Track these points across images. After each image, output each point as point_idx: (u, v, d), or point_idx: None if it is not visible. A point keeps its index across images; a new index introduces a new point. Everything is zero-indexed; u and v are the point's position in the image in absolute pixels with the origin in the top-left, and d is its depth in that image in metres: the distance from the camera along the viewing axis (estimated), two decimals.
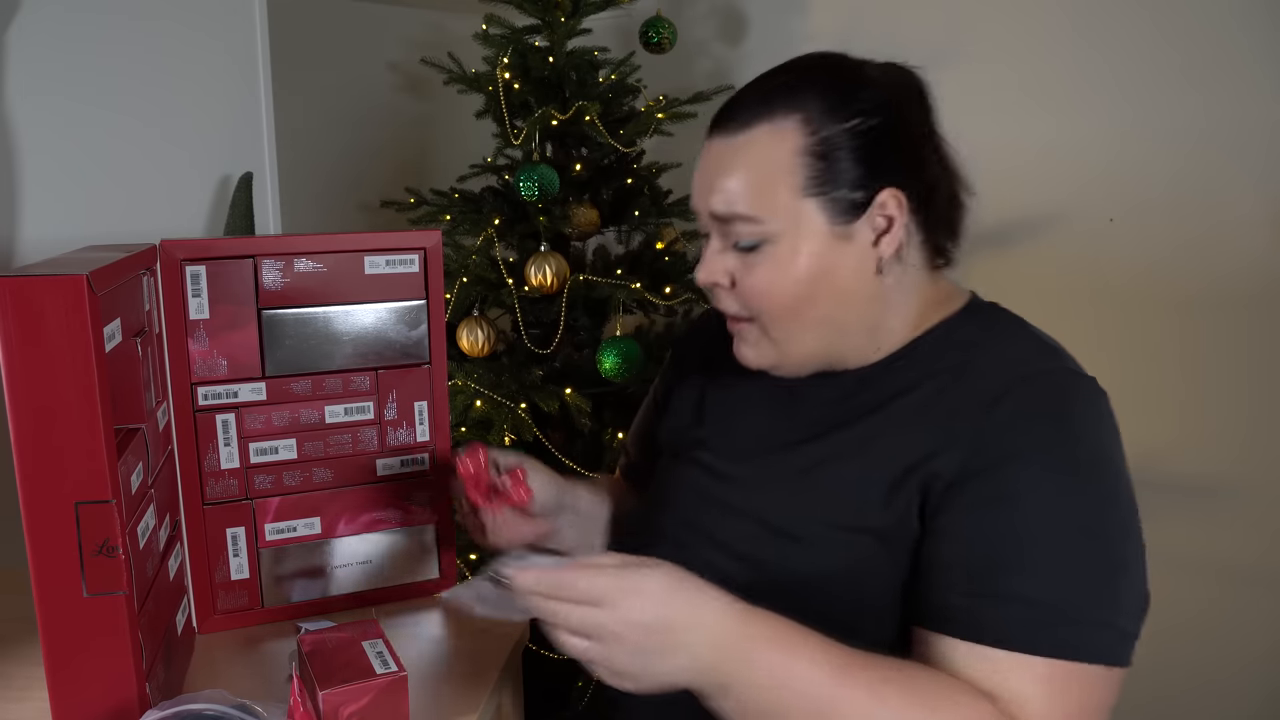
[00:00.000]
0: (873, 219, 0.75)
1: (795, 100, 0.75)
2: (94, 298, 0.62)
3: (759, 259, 0.76)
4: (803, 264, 0.75)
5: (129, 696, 0.67)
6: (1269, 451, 1.56)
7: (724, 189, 0.76)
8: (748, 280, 0.77)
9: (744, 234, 0.76)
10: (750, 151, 0.76)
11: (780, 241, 0.75)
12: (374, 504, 0.95)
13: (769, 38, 2.02)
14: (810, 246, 0.75)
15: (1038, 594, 0.66)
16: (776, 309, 0.77)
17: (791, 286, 0.75)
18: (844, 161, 0.74)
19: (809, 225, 0.75)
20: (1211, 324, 1.59)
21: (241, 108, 1.55)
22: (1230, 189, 1.55)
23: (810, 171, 0.74)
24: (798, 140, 0.74)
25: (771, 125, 0.75)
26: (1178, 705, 1.68)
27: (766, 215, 0.75)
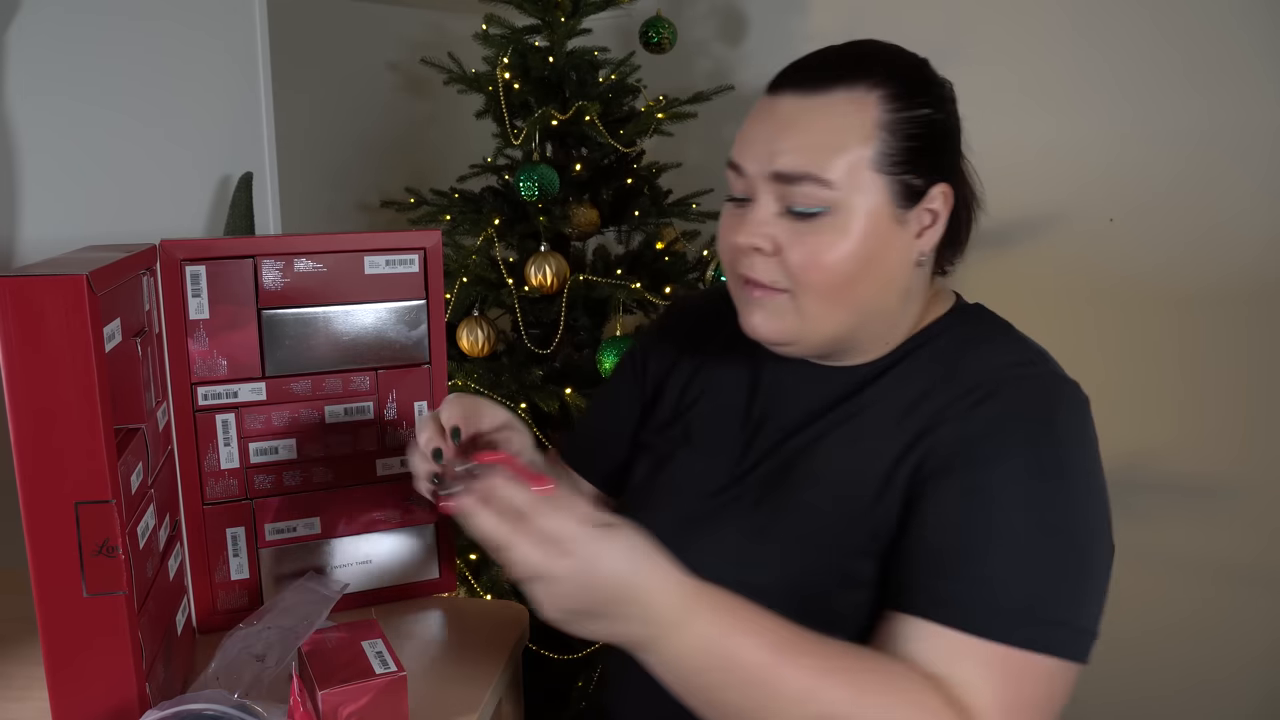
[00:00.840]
0: (921, 212, 0.76)
1: (877, 74, 0.74)
2: (94, 298, 0.62)
3: (814, 228, 0.73)
4: (859, 241, 0.73)
5: (129, 696, 0.67)
6: (1268, 451, 1.56)
7: (796, 147, 0.73)
8: (798, 249, 0.74)
9: (808, 198, 0.73)
10: (829, 114, 0.73)
11: (841, 212, 0.73)
12: (374, 504, 0.95)
13: (769, 38, 2.02)
14: (870, 224, 0.73)
15: (1003, 583, 0.66)
16: (821, 283, 0.74)
17: (842, 261, 0.73)
18: (915, 146, 0.74)
19: (874, 201, 0.73)
20: (1211, 324, 1.59)
21: (241, 108, 1.55)
22: (1230, 190, 1.55)
23: (885, 148, 0.73)
24: (878, 114, 0.73)
25: (851, 94, 0.73)
26: (1176, 705, 1.68)
27: (837, 181, 0.72)
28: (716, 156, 0.83)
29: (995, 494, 0.68)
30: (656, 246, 1.75)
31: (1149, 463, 1.63)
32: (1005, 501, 0.68)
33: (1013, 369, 0.74)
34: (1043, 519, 0.67)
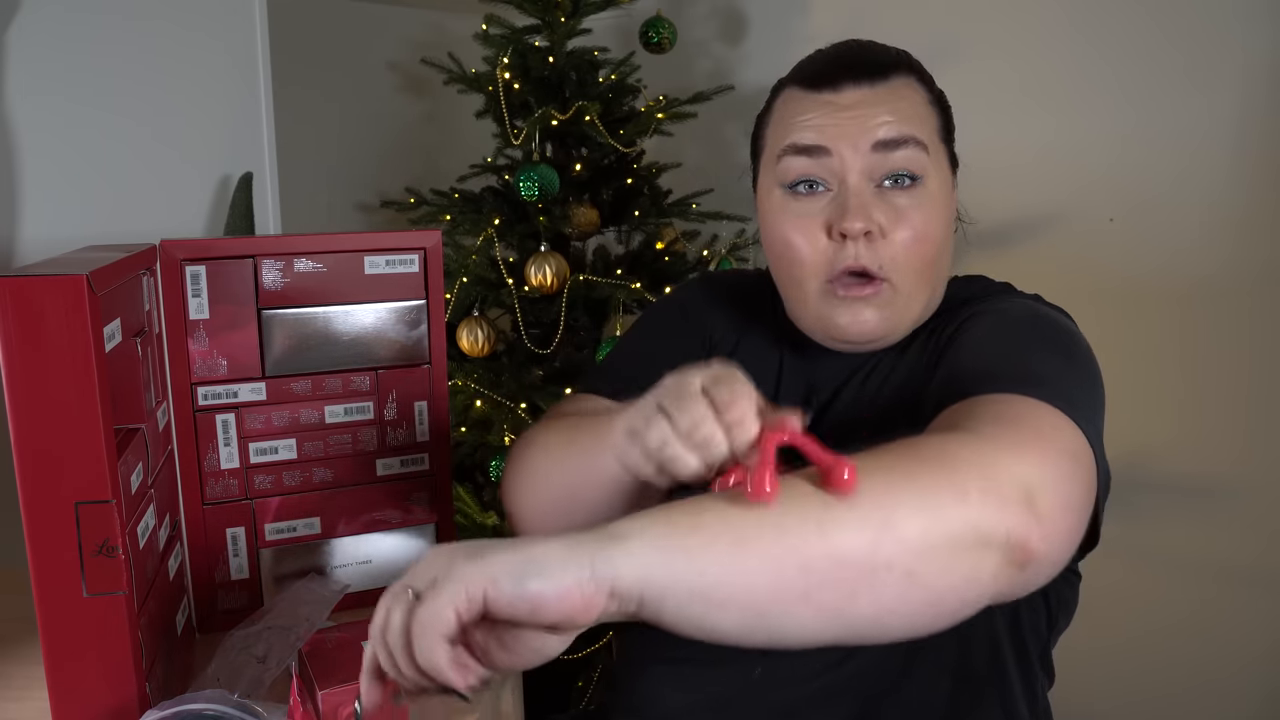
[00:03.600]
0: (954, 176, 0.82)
1: (905, 64, 0.80)
2: (94, 298, 0.62)
3: (913, 201, 0.75)
4: (944, 210, 0.78)
5: (129, 696, 0.67)
6: (1268, 451, 1.56)
7: (893, 118, 0.75)
8: (904, 225, 0.74)
9: (908, 162, 0.75)
10: (901, 93, 0.77)
11: (930, 181, 0.77)
12: (374, 504, 0.95)
13: (769, 38, 2.02)
14: (946, 191, 0.79)
15: (1028, 368, 0.64)
16: (920, 259, 0.76)
17: (937, 232, 0.77)
18: (949, 121, 0.82)
19: (945, 169, 0.80)
20: (1211, 324, 1.59)
21: (241, 108, 1.55)
22: (1230, 189, 1.55)
23: (940, 120, 0.80)
24: (925, 93, 0.80)
25: (904, 79, 0.79)
26: (1176, 705, 1.68)
27: (931, 146, 0.77)
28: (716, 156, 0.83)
29: (1000, 319, 0.74)
30: (656, 246, 1.75)
31: (1149, 463, 1.63)
32: (997, 325, 0.73)
33: (1002, 289, 0.83)
34: (1039, 331, 0.72)
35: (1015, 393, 0.60)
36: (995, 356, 0.68)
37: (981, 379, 0.63)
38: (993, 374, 0.64)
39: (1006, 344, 0.70)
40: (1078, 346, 0.72)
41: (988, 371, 0.65)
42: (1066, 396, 0.61)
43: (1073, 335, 0.74)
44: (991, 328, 0.73)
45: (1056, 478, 0.55)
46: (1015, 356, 0.67)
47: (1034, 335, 0.71)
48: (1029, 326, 0.73)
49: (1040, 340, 0.71)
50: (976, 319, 0.75)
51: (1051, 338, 0.71)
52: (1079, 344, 0.73)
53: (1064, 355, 0.69)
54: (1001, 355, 0.68)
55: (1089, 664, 1.77)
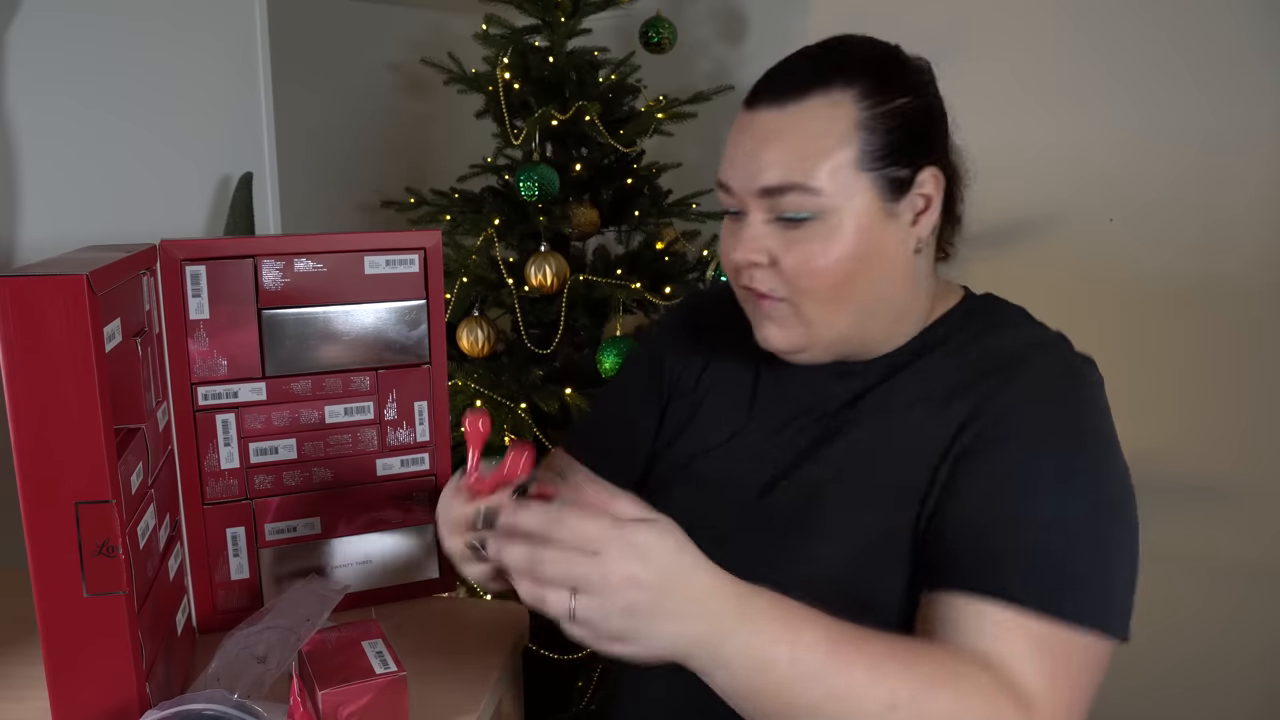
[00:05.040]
0: (913, 198, 0.76)
1: (848, 74, 0.75)
2: (94, 298, 0.62)
3: (805, 234, 0.74)
4: (852, 240, 0.74)
5: (129, 696, 0.67)
6: (1269, 451, 1.56)
7: (778, 160, 0.74)
8: (791, 257, 0.75)
9: (796, 206, 0.74)
10: (807, 122, 0.74)
11: (831, 216, 0.74)
12: (374, 504, 0.95)
13: (769, 38, 2.02)
14: (861, 222, 0.74)
15: (1045, 559, 0.66)
16: (818, 287, 0.75)
17: (837, 263, 0.74)
18: (895, 138, 0.74)
19: (862, 200, 0.74)
20: (1211, 324, 1.59)
21: (241, 108, 1.55)
22: (1230, 189, 1.55)
23: (866, 146, 0.73)
24: (854, 113, 0.74)
25: (827, 97, 0.74)
26: (1176, 705, 1.68)
27: (823, 187, 0.73)
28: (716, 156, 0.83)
29: (1023, 473, 0.69)
30: (656, 246, 1.75)
31: (1149, 463, 1.62)
32: (1038, 479, 0.69)
33: (1034, 349, 0.76)
34: (1076, 496, 0.68)
35: (1063, 620, 0.65)
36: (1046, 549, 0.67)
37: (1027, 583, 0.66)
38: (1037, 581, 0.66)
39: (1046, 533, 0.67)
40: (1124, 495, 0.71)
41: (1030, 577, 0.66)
42: (1108, 602, 0.66)
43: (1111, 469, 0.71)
44: (1031, 501, 0.69)
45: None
46: (1070, 553, 0.67)
47: (1074, 513, 0.68)
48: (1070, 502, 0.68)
49: (1080, 521, 0.68)
50: (1013, 477, 0.69)
51: (1090, 503, 0.69)
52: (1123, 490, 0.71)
53: (1101, 526, 0.68)
54: (1042, 554, 0.67)
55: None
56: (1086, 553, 0.67)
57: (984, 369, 0.75)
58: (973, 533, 0.69)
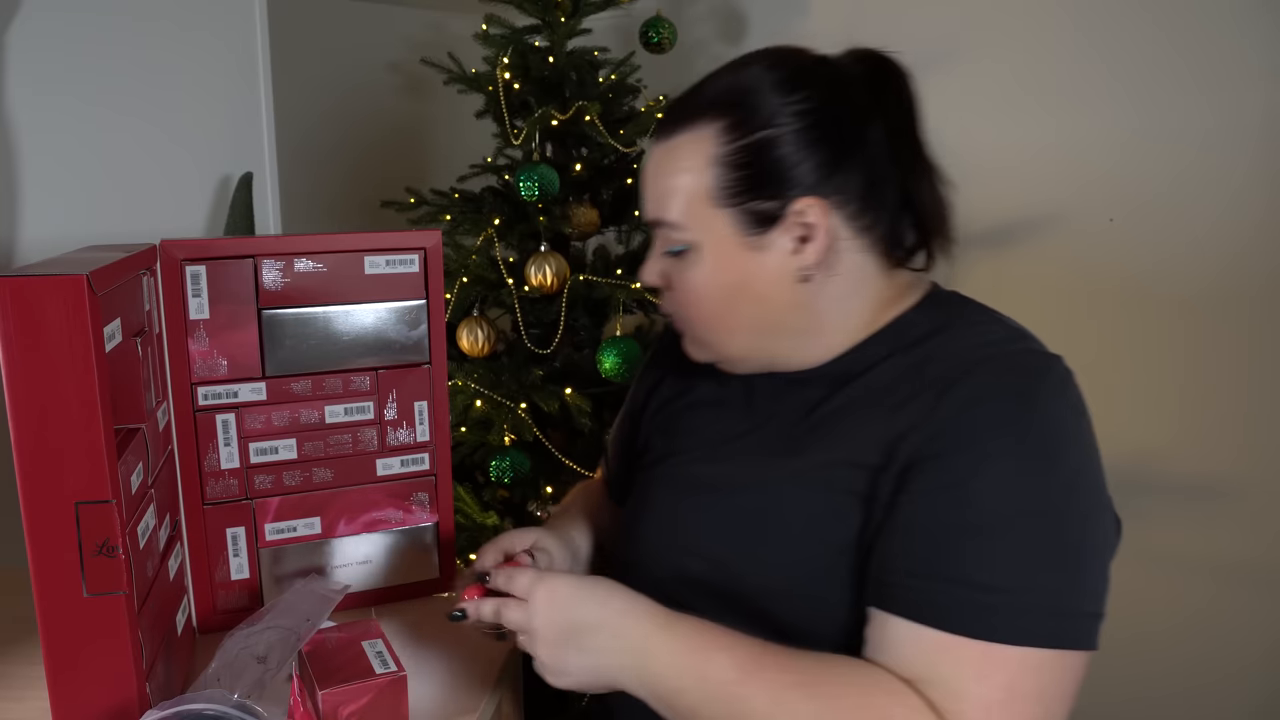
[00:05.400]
0: (790, 228, 0.74)
1: (717, 107, 0.75)
2: (94, 298, 0.62)
3: (684, 265, 0.78)
4: (714, 274, 0.76)
5: (129, 696, 0.67)
6: (1269, 451, 1.56)
7: (652, 195, 0.78)
8: (675, 286, 0.79)
9: (668, 239, 0.78)
10: (673, 158, 0.76)
11: (699, 249, 0.76)
12: (374, 504, 0.95)
13: (769, 38, 2.01)
14: (724, 257, 0.76)
15: (979, 577, 0.64)
16: (699, 315, 0.79)
17: (710, 294, 0.77)
18: (755, 171, 0.74)
19: (721, 235, 0.75)
20: (1211, 324, 1.59)
21: (241, 108, 1.55)
22: (1230, 189, 1.55)
23: (721, 182, 0.74)
24: (713, 149, 0.74)
25: (692, 132, 0.75)
26: (1177, 705, 1.68)
27: (685, 222, 0.76)
28: None
29: (970, 486, 0.66)
30: None
31: (1149, 463, 1.63)
32: (981, 492, 0.65)
33: (982, 350, 0.71)
34: (1023, 507, 0.65)
35: (993, 639, 0.63)
36: (983, 566, 0.64)
37: (962, 607, 0.64)
38: (967, 604, 0.64)
39: (983, 551, 0.64)
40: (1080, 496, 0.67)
41: (962, 601, 0.64)
42: (1058, 615, 0.64)
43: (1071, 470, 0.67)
44: (969, 517, 0.65)
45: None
46: (1011, 568, 0.64)
47: (1017, 526, 0.65)
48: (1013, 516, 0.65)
49: (1024, 534, 0.64)
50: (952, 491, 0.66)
51: (1037, 511, 0.65)
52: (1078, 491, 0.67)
53: (1051, 535, 0.65)
54: (976, 574, 0.64)
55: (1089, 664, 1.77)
56: (1037, 570, 0.64)
57: (930, 377, 0.71)
58: (909, 553, 0.67)
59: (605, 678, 0.69)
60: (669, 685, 0.67)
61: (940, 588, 0.65)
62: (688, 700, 0.66)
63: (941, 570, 0.65)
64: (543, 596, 0.69)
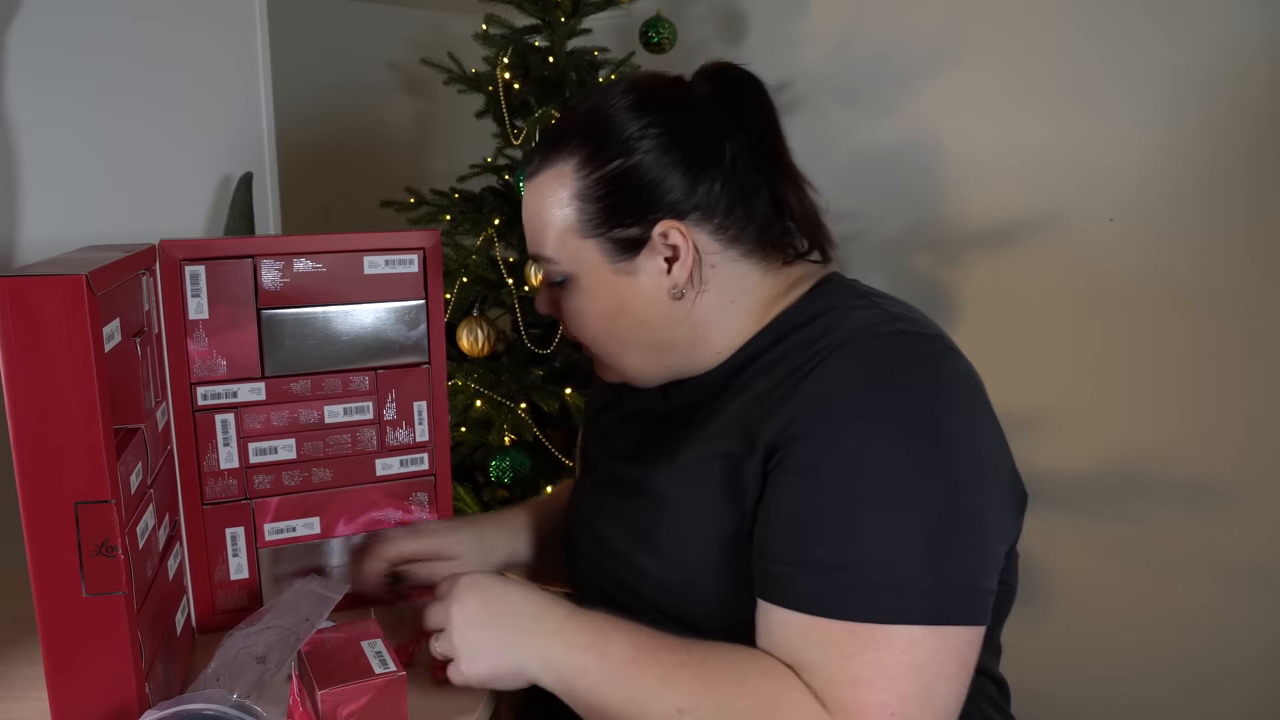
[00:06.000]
0: (656, 250, 0.77)
1: (569, 143, 0.78)
2: (94, 298, 0.62)
3: (567, 295, 0.81)
4: (593, 300, 0.79)
5: (128, 696, 0.67)
6: (1268, 451, 1.56)
7: (528, 230, 0.81)
8: (563, 315, 0.83)
9: (548, 273, 0.81)
10: (538, 195, 0.79)
11: (576, 280, 0.79)
12: (374, 504, 0.95)
13: (769, 38, 2.02)
14: (597, 285, 0.79)
15: (837, 558, 0.64)
16: (590, 339, 0.82)
17: (593, 320, 0.80)
18: (613, 201, 0.76)
19: (591, 265, 0.78)
20: (1211, 324, 1.59)
21: (241, 108, 1.55)
22: (1229, 189, 1.55)
23: (583, 215, 0.77)
24: (573, 184, 0.77)
25: (554, 169, 0.78)
26: (1176, 705, 1.68)
27: (557, 257, 0.79)
28: None
29: (821, 470, 0.66)
30: None
31: (1149, 463, 1.63)
32: (828, 476, 0.65)
33: (844, 334, 0.71)
34: (876, 486, 0.64)
35: (853, 618, 0.63)
36: (827, 555, 0.64)
37: (817, 588, 0.65)
38: (823, 586, 0.64)
39: (839, 531, 0.65)
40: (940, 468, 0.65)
41: (818, 582, 0.65)
42: (920, 591, 0.63)
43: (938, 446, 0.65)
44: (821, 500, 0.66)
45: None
46: (846, 553, 0.64)
47: (870, 504, 0.64)
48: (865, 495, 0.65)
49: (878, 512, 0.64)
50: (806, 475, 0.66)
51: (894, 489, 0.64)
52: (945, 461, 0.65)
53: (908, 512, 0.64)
54: (830, 554, 0.64)
55: (1089, 664, 1.77)
56: (886, 543, 0.63)
57: (795, 366, 0.71)
58: (774, 540, 0.68)
59: (513, 660, 0.72)
60: (571, 665, 0.70)
61: (801, 572, 0.66)
62: (587, 680, 0.70)
63: (800, 555, 0.66)
64: (464, 584, 0.74)
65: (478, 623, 0.73)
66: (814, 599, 0.65)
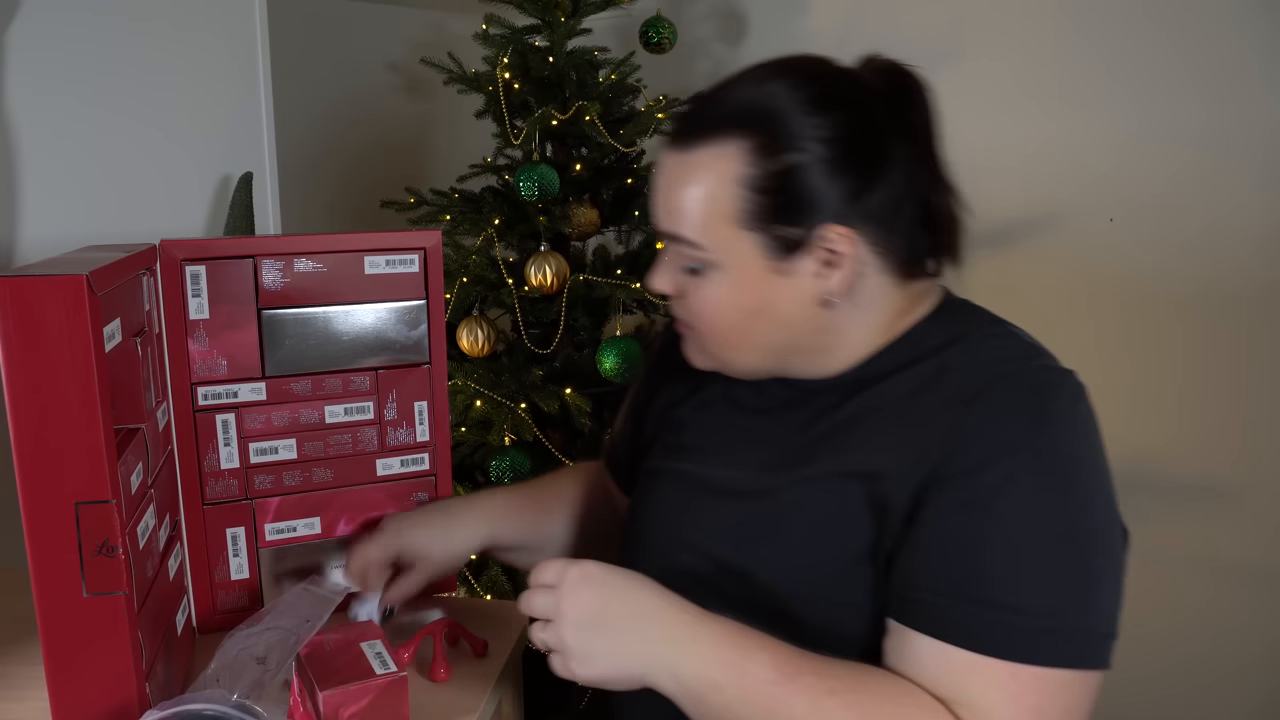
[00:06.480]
0: (816, 253, 0.72)
1: (742, 122, 0.71)
2: (94, 298, 0.62)
3: (699, 281, 0.75)
4: (736, 295, 0.74)
5: (129, 696, 0.67)
6: (1268, 451, 1.56)
7: (669, 208, 0.74)
8: (690, 298, 0.77)
9: (686, 256, 0.75)
10: (693, 173, 0.73)
11: (716, 270, 0.74)
12: (374, 504, 0.95)
13: (769, 38, 2.02)
14: (745, 280, 0.73)
15: (1007, 599, 0.65)
16: (710, 331, 0.77)
17: (726, 315, 0.75)
18: (784, 197, 0.71)
19: (745, 258, 0.73)
20: (1211, 324, 1.59)
21: (241, 108, 1.55)
22: (1230, 190, 1.55)
23: (749, 205, 0.71)
24: (739, 169, 0.71)
25: (716, 148, 0.72)
26: (1177, 705, 1.68)
27: (706, 242, 0.73)
28: None
29: (991, 505, 0.66)
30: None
31: (1149, 463, 1.63)
32: (1002, 512, 0.66)
33: (1000, 366, 0.71)
34: (1046, 527, 0.66)
35: (1023, 660, 0.64)
36: (1011, 589, 0.65)
37: (992, 630, 0.64)
38: (997, 626, 0.64)
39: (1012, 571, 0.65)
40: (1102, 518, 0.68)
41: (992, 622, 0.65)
42: (1085, 638, 0.65)
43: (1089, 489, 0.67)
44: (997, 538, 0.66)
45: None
46: (1039, 591, 0.65)
47: (1044, 547, 0.65)
48: (1040, 536, 0.66)
49: (1051, 554, 0.65)
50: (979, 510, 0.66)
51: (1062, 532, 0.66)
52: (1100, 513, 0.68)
53: (1075, 555, 0.66)
54: (1005, 595, 0.65)
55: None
56: (1059, 591, 0.65)
57: (949, 390, 0.71)
58: (934, 571, 0.67)
59: (634, 667, 0.67)
60: (705, 679, 0.65)
61: (968, 609, 0.65)
62: (722, 697, 0.64)
63: (969, 590, 0.65)
64: (575, 577, 0.67)
65: (594, 625, 0.67)
66: (980, 636, 0.64)
